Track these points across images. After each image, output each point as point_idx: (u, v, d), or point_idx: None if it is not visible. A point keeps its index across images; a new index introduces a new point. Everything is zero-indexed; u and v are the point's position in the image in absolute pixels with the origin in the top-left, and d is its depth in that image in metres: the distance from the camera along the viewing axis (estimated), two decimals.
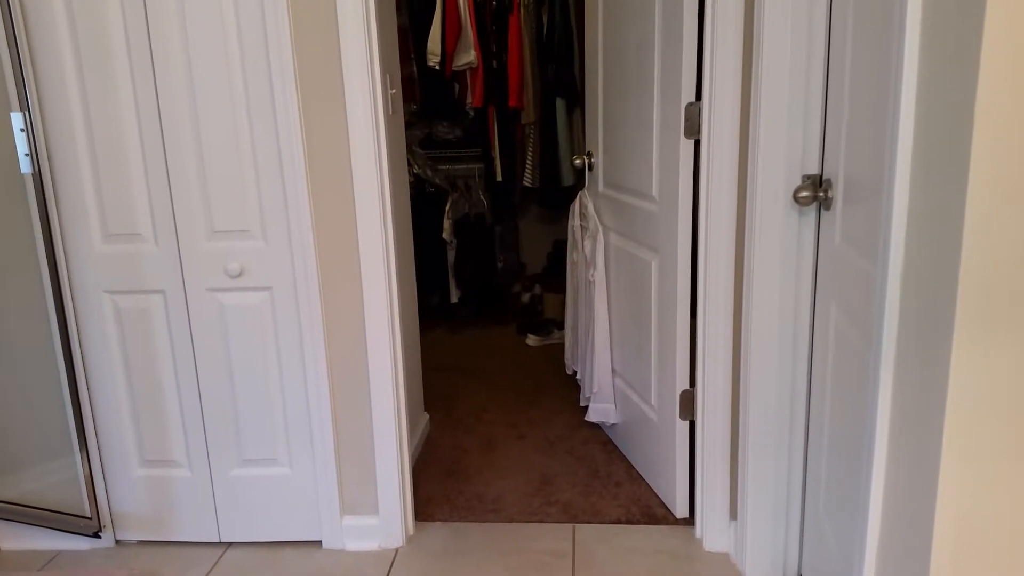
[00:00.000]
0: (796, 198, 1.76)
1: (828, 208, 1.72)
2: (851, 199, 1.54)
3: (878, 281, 1.28)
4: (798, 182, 1.80)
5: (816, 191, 1.75)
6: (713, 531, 2.17)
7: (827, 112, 1.73)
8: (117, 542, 2.33)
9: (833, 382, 1.68)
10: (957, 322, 1.04)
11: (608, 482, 2.57)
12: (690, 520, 2.32)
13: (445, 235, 4.01)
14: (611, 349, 2.74)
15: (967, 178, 1.00)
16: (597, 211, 2.72)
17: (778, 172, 1.81)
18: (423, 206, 3.92)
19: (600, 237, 2.68)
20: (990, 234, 1.01)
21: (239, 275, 2.11)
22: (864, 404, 1.42)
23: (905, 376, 1.21)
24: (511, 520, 2.38)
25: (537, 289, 4.40)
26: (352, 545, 2.27)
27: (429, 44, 3.85)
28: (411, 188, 3.18)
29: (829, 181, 1.71)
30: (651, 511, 2.38)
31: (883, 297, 1.25)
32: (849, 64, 1.55)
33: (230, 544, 2.32)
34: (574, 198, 2.92)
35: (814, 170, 1.80)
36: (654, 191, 2.27)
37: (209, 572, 2.19)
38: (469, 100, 4.00)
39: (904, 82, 1.17)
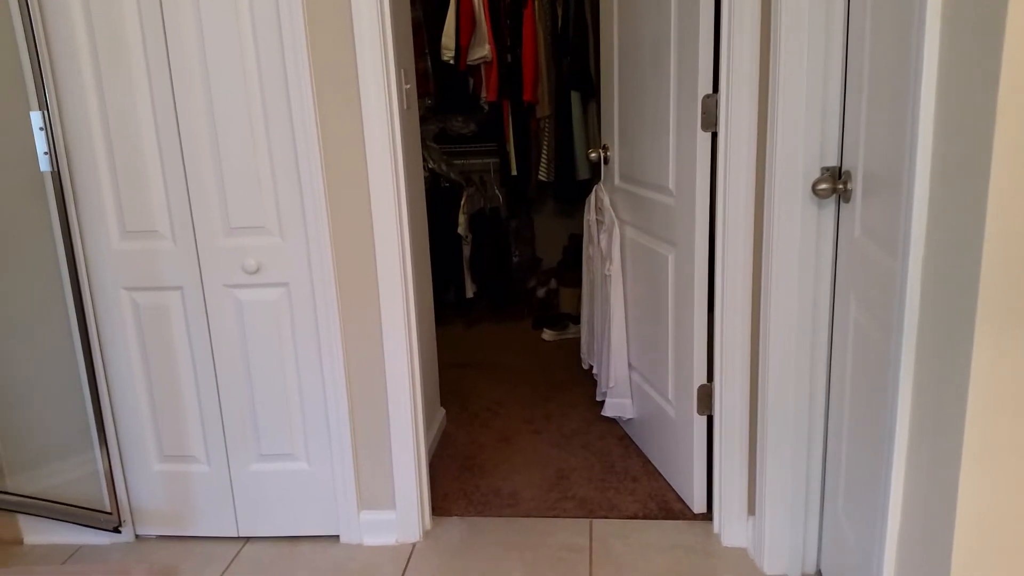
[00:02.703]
0: (815, 191, 1.74)
1: (847, 201, 1.70)
2: (871, 191, 1.52)
3: (898, 275, 1.26)
4: (817, 174, 1.78)
5: (835, 183, 1.73)
6: (731, 526, 2.16)
7: (846, 103, 1.71)
8: (137, 537, 2.36)
9: (852, 377, 1.67)
10: (978, 316, 1.02)
11: (625, 477, 2.56)
12: (708, 515, 2.31)
13: (460, 230, 4.01)
14: (627, 343, 2.73)
15: (989, 170, 0.98)
16: (613, 205, 2.71)
17: (796, 164, 1.79)
18: (438, 201, 3.92)
19: (616, 231, 2.67)
20: (1012, 227, 0.99)
21: (256, 271, 2.12)
22: (884, 399, 1.41)
23: (925, 371, 1.20)
24: (528, 515, 2.38)
25: (553, 283, 4.39)
26: (369, 540, 2.28)
27: (443, 38, 3.85)
28: (426, 183, 3.18)
29: (848, 173, 1.69)
30: (668, 506, 2.38)
31: (903, 291, 1.24)
32: (868, 54, 1.53)
33: (248, 539, 2.33)
34: (589, 192, 2.91)
35: (833, 162, 1.77)
36: (671, 184, 2.26)
37: (228, 567, 2.21)
38: (483, 94, 3.99)
39: (924, 72, 1.16)
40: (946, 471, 1.12)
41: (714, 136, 2.03)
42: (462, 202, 4.00)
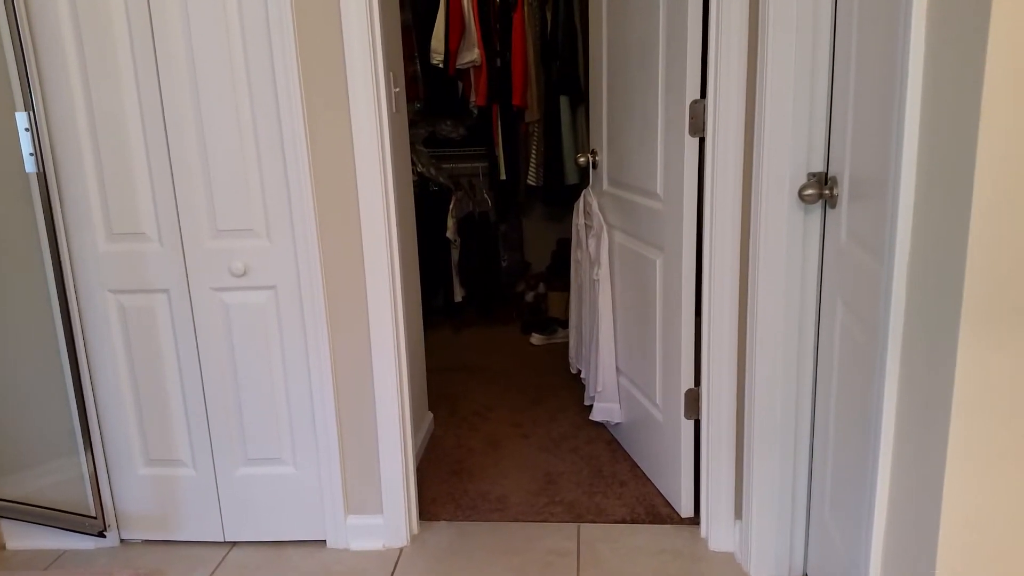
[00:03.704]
0: (801, 196, 1.75)
1: (833, 206, 1.71)
2: (857, 196, 1.53)
3: (884, 279, 1.27)
4: (803, 180, 1.79)
5: (821, 189, 1.74)
6: (718, 531, 2.16)
7: (832, 109, 1.72)
8: (122, 541, 2.34)
9: (839, 380, 1.68)
10: (963, 320, 1.03)
11: (613, 481, 2.56)
12: (695, 520, 2.31)
13: (449, 234, 4.01)
14: (615, 348, 2.73)
15: (973, 175, 0.99)
16: (601, 209, 2.72)
17: (783, 170, 1.80)
18: (427, 205, 3.92)
19: (604, 235, 2.67)
20: (996, 232, 1.00)
21: (243, 274, 2.11)
22: (870, 402, 1.42)
23: (911, 374, 1.21)
24: (516, 519, 2.37)
25: (541, 288, 4.39)
26: (356, 544, 2.27)
27: (433, 42, 3.85)
28: (415, 187, 3.17)
29: (835, 179, 1.70)
30: (656, 510, 2.38)
31: (889, 295, 1.24)
32: (855, 60, 1.54)
33: (234, 543, 2.32)
34: (578, 196, 2.92)
35: (819, 168, 1.79)
36: (659, 189, 2.27)
37: (213, 571, 2.19)
38: (473, 98, 4.00)
39: (910, 79, 1.17)
40: (931, 474, 1.13)
41: (702, 141, 2.04)
42: (451, 206, 4.00)
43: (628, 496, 2.47)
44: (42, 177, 2.03)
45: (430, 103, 4.11)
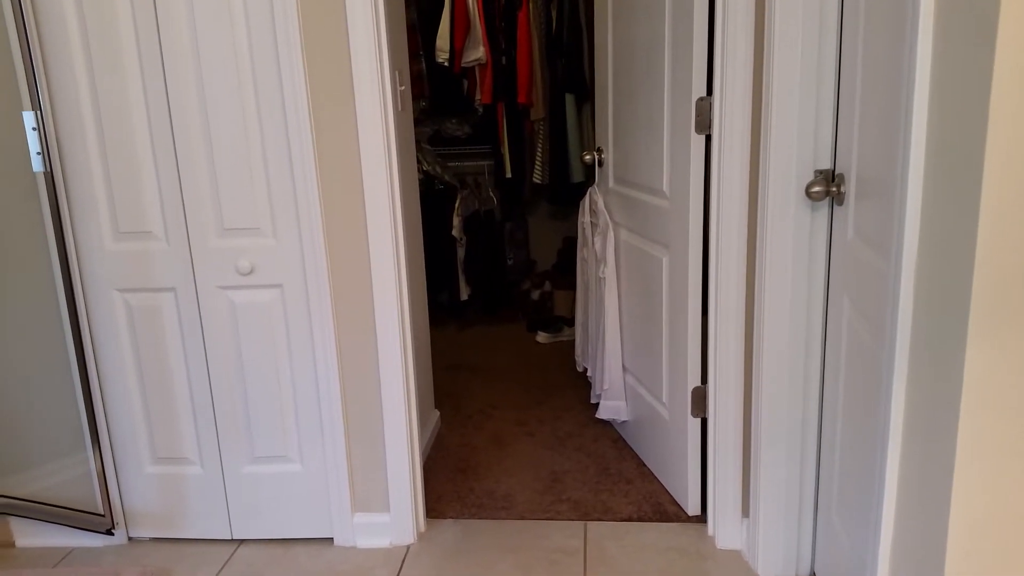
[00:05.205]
0: (808, 193, 1.74)
1: (840, 203, 1.71)
2: (864, 194, 1.52)
3: (891, 277, 1.27)
4: (810, 177, 1.79)
5: (828, 186, 1.73)
6: (725, 529, 2.16)
7: (839, 106, 1.72)
8: (130, 539, 2.35)
9: (846, 379, 1.67)
10: (971, 318, 1.03)
11: (619, 479, 2.56)
12: (702, 518, 2.31)
13: (455, 232, 4.01)
14: (622, 346, 2.73)
15: (982, 173, 0.99)
16: (607, 207, 2.71)
17: (790, 167, 1.79)
18: (432, 203, 3.92)
19: (610, 233, 2.67)
20: (1005, 229, 1.00)
21: (250, 272, 2.11)
22: (877, 401, 1.41)
23: (919, 373, 1.20)
24: (522, 517, 2.37)
25: (547, 286, 4.39)
26: (363, 542, 2.27)
27: (438, 40, 3.85)
28: (421, 185, 3.17)
29: (842, 176, 1.69)
30: (663, 508, 2.38)
31: (896, 293, 1.24)
32: (861, 56, 1.53)
33: (242, 541, 2.32)
34: (584, 194, 2.91)
35: (826, 165, 1.78)
36: (665, 187, 2.26)
37: (221, 569, 2.20)
38: (478, 96, 3.99)
39: (917, 75, 1.16)
40: (940, 472, 1.13)
41: (708, 139, 2.04)
42: (456, 204, 4.00)
43: (635, 494, 2.47)
44: (49, 176, 2.04)
45: (435, 101, 4.11)
